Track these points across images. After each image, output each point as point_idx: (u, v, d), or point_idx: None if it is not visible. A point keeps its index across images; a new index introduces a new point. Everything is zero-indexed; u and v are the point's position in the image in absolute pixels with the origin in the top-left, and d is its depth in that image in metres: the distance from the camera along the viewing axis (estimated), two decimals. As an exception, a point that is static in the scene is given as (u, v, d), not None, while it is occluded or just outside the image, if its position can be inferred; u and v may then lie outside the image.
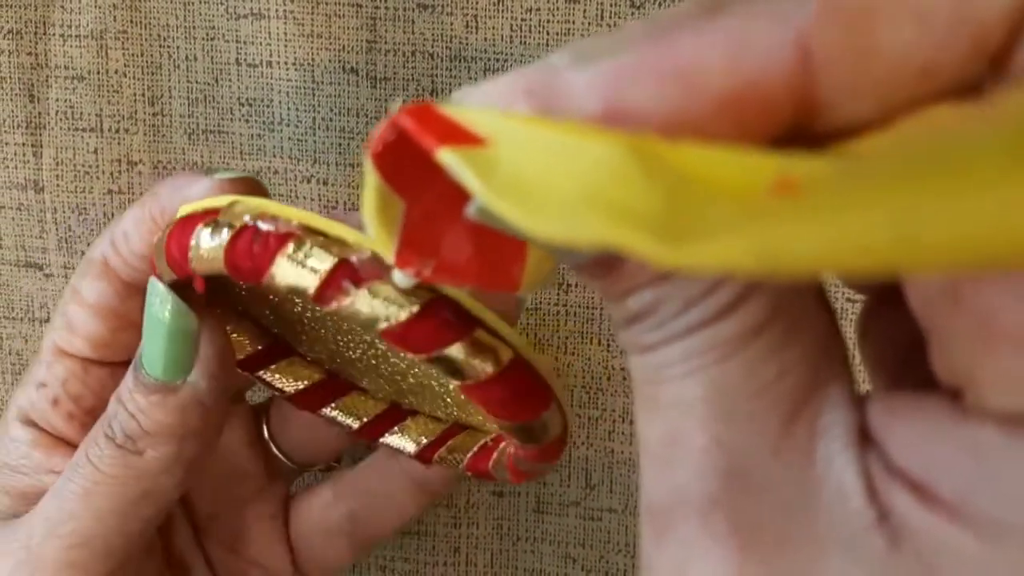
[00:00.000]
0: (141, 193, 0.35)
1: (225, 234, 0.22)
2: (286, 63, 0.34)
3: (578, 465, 0.36)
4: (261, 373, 0.30)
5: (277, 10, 0.33)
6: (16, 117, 0.35)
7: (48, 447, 0.29)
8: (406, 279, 0.16)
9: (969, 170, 0.10)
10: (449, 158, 0.12)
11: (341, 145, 0.34)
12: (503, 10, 0.33)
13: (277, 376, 0.31)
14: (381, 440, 0.31)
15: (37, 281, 0.36)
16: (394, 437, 0.30)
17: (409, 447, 0.30)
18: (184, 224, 0.23)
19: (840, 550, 0.14)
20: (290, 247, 0.21)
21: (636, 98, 0.13)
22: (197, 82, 0.34)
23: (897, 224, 0.10)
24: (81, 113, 0.35)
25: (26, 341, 0.37)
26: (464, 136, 0.12)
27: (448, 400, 0.29)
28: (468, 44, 0.33)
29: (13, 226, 0.36)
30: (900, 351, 0.17)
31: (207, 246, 0.23)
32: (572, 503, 0.37)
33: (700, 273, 0.14)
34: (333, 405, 0.31)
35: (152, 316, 0.25)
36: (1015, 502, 0.13)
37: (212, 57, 0.34)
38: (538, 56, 0.32)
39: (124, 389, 0.26)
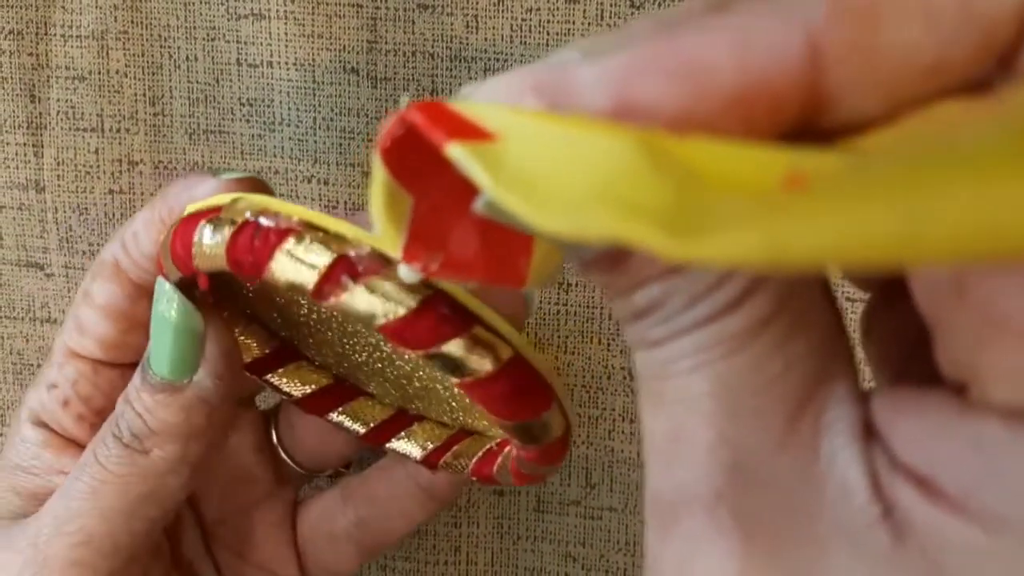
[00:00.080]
0: (142, 193, 0.35)
1: (227, 230, 0.22)
2: (287, 63, 0.34)
3: (578, 464, 0.36)
4: (269, 377, 0.30)
5: (278, 11, 0.33)
6: (17, 117, 0.35)
7: (58, 448, 0.29)
8: (412, 274, 0.16)
9: (977, 164, 0.10)
10: (458, 152, 0.12)
11: (342, 145, 0.34)
12: (503, 10, 0.33)
13: (285, 380, 0.31)
14: (387, 445, 0.31)
15: (38, 281, 0.36)
16: (400, 442, 0.30)
17: (415, 452, 0.30)
18: (188, 222, 0.23)
19: (845, 545, 0.14)
20: (290, 242, 0.21)
21: (645, 94, 0.13)
22: (198, 82, 0.34)
23: (905, 217, 0.10)
24: (82, 113, 0.35)
25: (27, 341, 0.37)
26: (473, 131, 0.13)
27: (453, 404, 0.29)
28: (468, 44, 0.33)
29: (14, 226, 0.36)
30: (904, 347, 0.17)
31: (209, 242, 0.23)
32: (572, 502, 0.37)
33: (709, 267, 0.14)
34: (340, 410, 0.31)
35: (159, 314, 0.25)
36: (1020, 496, 0.13)
37: (213, 57, 0.34)
38: (538, 56, 0.32)
39: (132, 388, 0.26)
